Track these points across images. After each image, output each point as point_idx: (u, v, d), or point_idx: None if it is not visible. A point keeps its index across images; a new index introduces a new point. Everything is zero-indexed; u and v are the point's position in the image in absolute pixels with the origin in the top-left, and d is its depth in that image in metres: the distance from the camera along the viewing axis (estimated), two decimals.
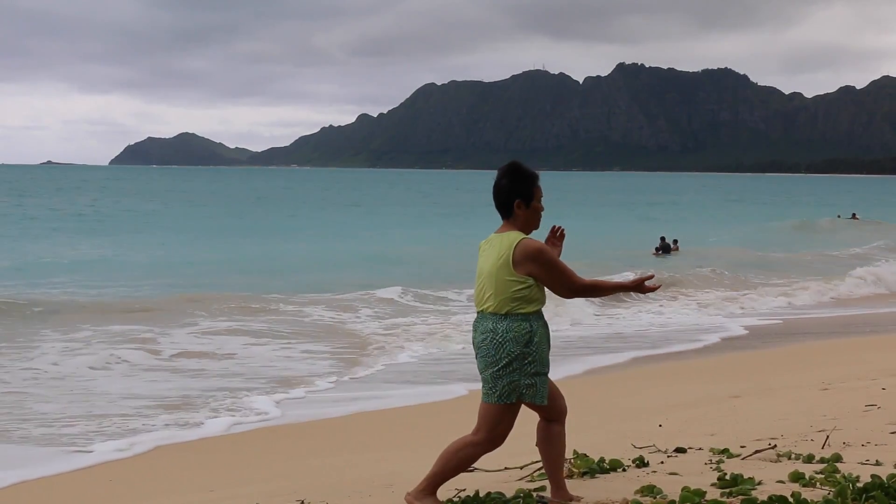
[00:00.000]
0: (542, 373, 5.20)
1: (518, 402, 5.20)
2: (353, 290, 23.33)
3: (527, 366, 5.15)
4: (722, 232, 52.28)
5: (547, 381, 5.24)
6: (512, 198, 5.29)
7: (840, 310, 22.63)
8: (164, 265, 31.34)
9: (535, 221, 5.36)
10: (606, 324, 19.88)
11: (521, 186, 5.29)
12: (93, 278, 26.89)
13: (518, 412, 5.24)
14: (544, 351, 5.23)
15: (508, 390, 5.16)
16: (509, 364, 5.14)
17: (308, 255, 35.69)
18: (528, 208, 5.30)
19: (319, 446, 9.74)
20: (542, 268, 5.19)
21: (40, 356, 14.66)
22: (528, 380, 5.15)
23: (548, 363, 5.26)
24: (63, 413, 11.11)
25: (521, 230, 5.29)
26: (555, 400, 5.34)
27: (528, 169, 5.36)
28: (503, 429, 5.22)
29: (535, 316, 5.21)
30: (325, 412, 11.49)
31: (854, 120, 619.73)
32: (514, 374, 5.14)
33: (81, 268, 29.75)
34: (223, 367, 14.32)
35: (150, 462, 9.35)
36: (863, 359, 13.80)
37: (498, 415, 5.20)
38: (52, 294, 22.62)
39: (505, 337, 5.16)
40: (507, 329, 5.17)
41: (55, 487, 8.52)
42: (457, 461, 5.28)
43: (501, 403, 5.17)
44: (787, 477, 5.73)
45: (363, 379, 13.75)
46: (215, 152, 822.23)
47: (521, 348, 5.14)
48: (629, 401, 11.37)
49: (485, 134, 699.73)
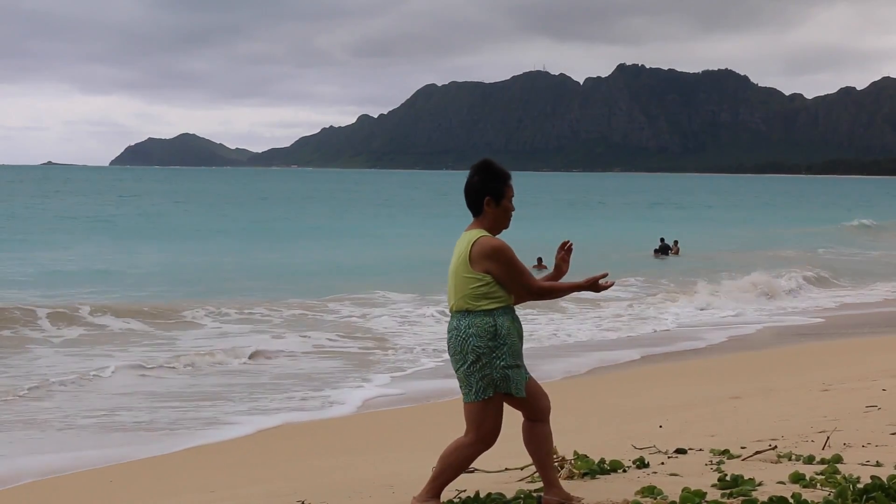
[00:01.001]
0: (513, 365, 5.19)
1: (497, 396, 5.19)
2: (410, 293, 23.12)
3: (496, 359, 5.16)
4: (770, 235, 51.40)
5: (521, 374, 5.24)
6: (482, 195, 5.31)
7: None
8: (235, 269, 30.42)
9: (505, 221, 5.36)
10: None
11: (492, 184, 5.31)
12: (144, 283, 26.02)
13: (502, 408, 5.24)
14: (515, 344, 5.23)
15: (483, 385, 5.18)
16: (478, 360, 5.17)
17: (362, 258, 35.20)
18: (497, 206, 5.31)
19: (319, 447, 9.74)
20: (499, 266, 5.20)
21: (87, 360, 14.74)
22: (499, 373, 5.16)
23: (520, 356, 5.26)
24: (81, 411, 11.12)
25: (489, 228, 5.31)
26: (537, 399, 5.33)
27: (501, 167, 5.37)
28: (489, 426, 5.22)
29: (499, 311, 5.21)
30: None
31: (854, 121, 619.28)
32: (486, 368, 5.16)
33: (139, 274, 28.59)
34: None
35: (150, 463, 9.35)
36: (863, 360, 13.81)
37: (480, 412, 5.21)
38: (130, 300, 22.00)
39: (468, 333, 5.19)
40: (469, 325, 5.20)
41: (55, 487, 8.52)
42: (454, 463, 5.29)
43: (480, 400, 5.19)
44: (787, 478, 5.73)
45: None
46: (216, 153, 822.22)
47: (487, 342, 5.16)
48: (629, 401, 11.37)
49: (485, 135, 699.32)
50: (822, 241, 46.66)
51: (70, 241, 41.53)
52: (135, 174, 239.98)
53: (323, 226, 55.83)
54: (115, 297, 22.61)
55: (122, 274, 28.60)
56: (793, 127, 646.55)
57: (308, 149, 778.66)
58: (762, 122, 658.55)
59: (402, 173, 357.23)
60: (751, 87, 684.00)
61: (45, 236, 43.72)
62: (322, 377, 13.77)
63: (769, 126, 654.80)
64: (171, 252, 36.69)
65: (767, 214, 78.69)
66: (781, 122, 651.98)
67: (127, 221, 56.61)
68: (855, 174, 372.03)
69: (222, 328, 18.37)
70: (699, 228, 55.44)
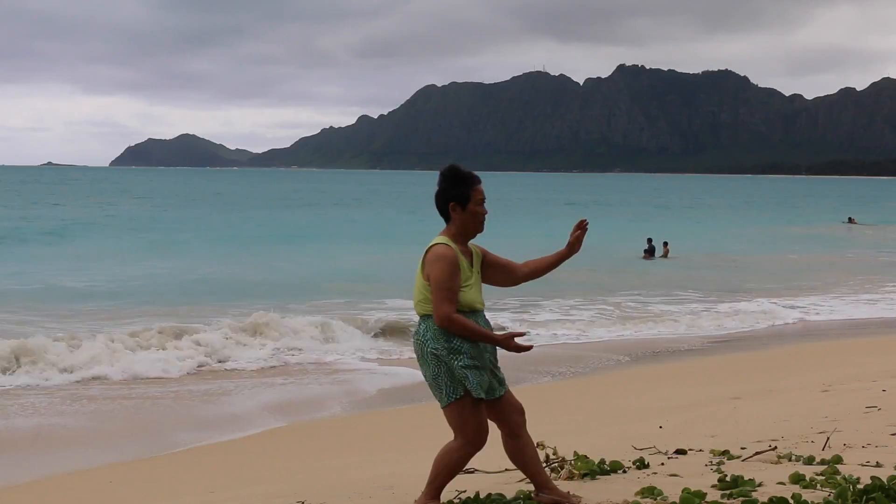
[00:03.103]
0: (472, 366, 5.16)
1: (467, 394, 5.18)
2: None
3: (454, 360, 5.15)
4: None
5: (482, 375, 5.20)
6: (447, 201, 5.30)
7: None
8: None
9: (473, 224, 5.31)
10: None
11: (456, 189, 5.29)
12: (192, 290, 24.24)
13: (481, 407, 5.22)
14: (473, 349, 5.18)
15: (452, 386, 5.19)
16: (439, 363, 5.18)
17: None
18: (464, 211, 5.28)
19: (319, 447, 9.74)
20: (431, 274, 5.17)
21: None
22: (460, 372, 5.15)
23: (483, 359, 5.21)
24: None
25: (456, 234, 5.30)
26: (509, 414, 5.33)
27: (466, 171, 5.35)
28: (473, 427, 5.21)
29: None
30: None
31: (854, 122, 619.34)
32: (447, 369, 5.17)
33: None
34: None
35: (150, 464, 9.35)
36: (863, 360, 13.80)
37: (458, 415, 5.21)
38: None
39: (425, 336, 5.22)
40: (426, 329, 5.23)
41: (55, 487, 8.51)
42: (447, 468, 5.29)
43: (454, 402, 5.19)
44: (787, 478, 5.73)
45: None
46: (215, 154, 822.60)
47: (444, 345, 5.16)
48: (629, 402, 11.37)
49: (485, 135, 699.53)
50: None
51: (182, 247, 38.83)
52: (136, 174, 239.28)
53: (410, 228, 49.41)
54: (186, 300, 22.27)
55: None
56: (793, 127, 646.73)
57: (308, 149, 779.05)
58: (762, 122, 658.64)
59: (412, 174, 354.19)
60: (751, 87, 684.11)
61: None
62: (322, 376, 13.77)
63: (769, 127, 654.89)
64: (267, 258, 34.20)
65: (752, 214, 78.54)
66: (781, 123, 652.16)
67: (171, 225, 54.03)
68: (855, 175, 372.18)
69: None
70: (685, 228, 55.00)
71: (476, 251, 5.44)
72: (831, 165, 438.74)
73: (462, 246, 5.33)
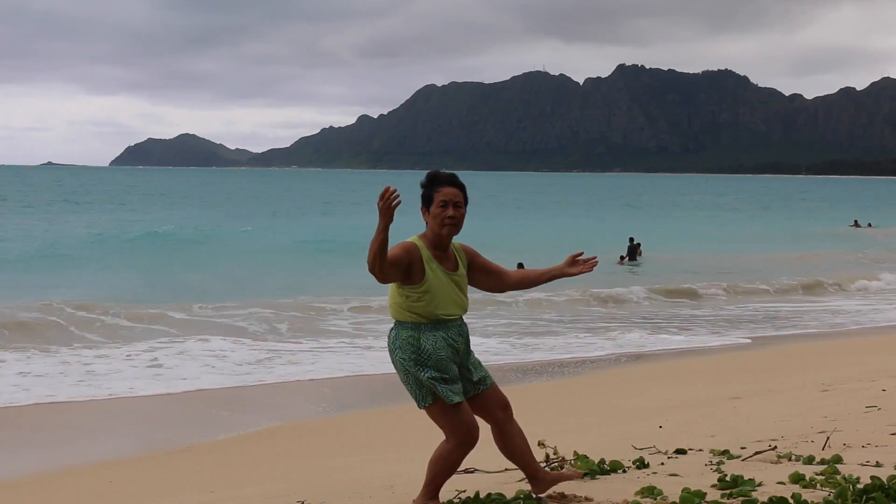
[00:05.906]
0: (439, 378, 5.12)
1: (440, 400, 5.14)
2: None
3: (420, 372, 5.12)
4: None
5: (451, 384, 5.14)
6: (422, 205, 5.28)
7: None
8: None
9: (436, 226, 5.21)
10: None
11: (424, 191, 5.27)
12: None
13: (461, 408, 5.18)
14: (441, 361, 5.12)
15: (421, 394, 5.18)
16: (406, 371, 5.16)
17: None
18: (429, 213, 5.24)
19: (319, 447, 9.73)
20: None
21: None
22: (428, 383, 5.12)
23: (450, 371, 5.15)
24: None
25: (431, 237, 5.24)
26: (492, 411, 5.32)
27: (439, 173, 5.30)
28: (462, 427, 5.17)
29: (426, 327, 5.14)
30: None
31: (854, 121, 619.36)
32: (415, 379, 5.15)
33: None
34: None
35: (150, 463, 9.34)
36: (863, 360, 13.81)
37: (439, 417, 5.19)
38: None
39: (395, 344, 5.21)
40: (396, 336, 5.22)
41: (55, 487, 8.51)
42: (442, 468, 5.27)
43: (430, 405, 5.17)
44: (787, 478, 5.73)
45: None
46: (215, 153, 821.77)
47: (410, 355, 5.13)
48: (629, 402, 11.37)
49: (485, 135, 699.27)
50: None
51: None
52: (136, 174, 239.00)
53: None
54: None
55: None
56: (792, 127, 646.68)
57: (308, 149, 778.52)
58: (762, 122, 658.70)
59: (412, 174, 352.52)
60: (751, 87, 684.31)
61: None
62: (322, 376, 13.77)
63: (769, 126, 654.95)
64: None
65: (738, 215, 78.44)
66: (781, 123, 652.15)
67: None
68: (855, 174, 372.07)
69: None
70: (666, 227, 54.69)
71: (461, 256, 5.37)
72: (831, 165, 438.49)
73: (437, 251, 5.24)
